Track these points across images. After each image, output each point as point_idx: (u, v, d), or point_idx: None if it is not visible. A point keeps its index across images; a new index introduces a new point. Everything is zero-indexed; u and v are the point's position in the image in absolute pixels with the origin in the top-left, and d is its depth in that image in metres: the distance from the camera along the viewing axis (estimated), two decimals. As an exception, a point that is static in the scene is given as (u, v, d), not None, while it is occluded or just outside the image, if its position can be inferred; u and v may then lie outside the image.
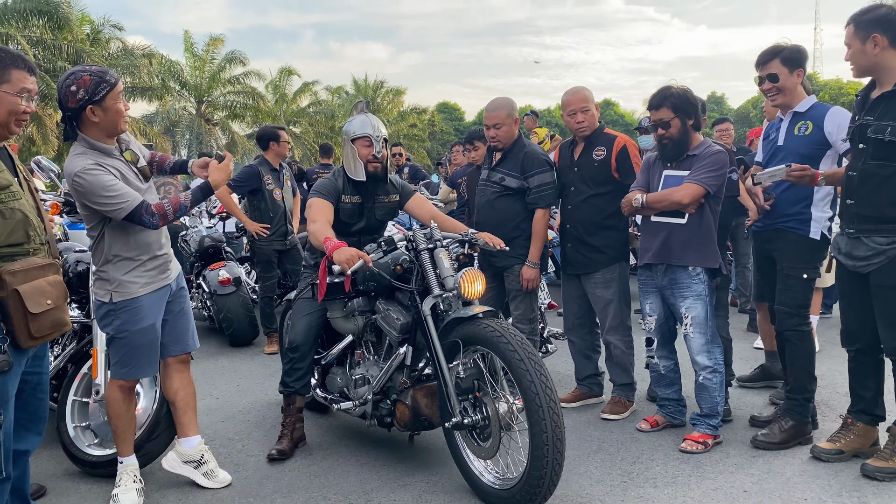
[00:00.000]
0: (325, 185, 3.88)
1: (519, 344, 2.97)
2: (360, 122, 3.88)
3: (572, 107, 4.24)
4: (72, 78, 2.97)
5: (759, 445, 3.72)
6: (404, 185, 4.16)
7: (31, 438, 2.89)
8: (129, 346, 3.24)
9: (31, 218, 2.66)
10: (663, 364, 3.97)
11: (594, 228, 4.23)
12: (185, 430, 3.55)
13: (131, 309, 3.21)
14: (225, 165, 3.22)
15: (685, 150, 3.72)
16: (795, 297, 3.71)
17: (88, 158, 3.04)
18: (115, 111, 3.04)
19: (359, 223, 3.96)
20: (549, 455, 2.84)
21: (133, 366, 3.29)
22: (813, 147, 3.67)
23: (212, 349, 6.69)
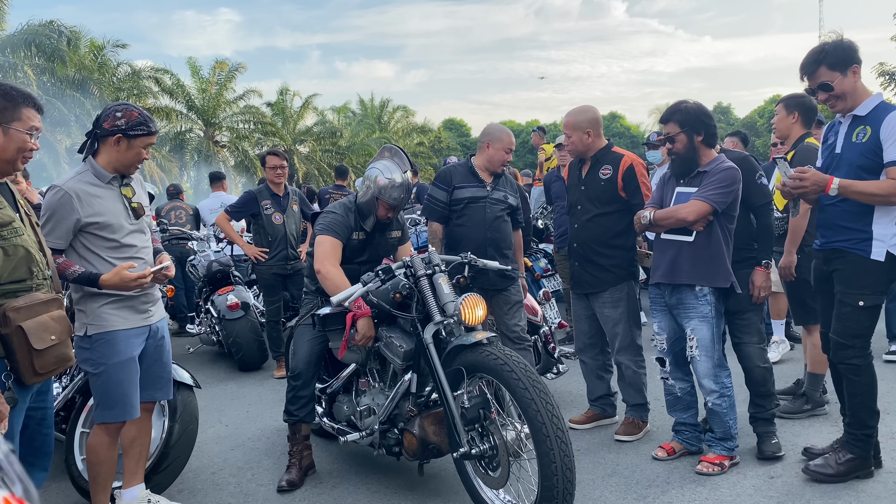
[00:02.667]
0: (337, 222, 3.82)
1: (523, 372, 2.92)
2: (393, 186, 3.74)
3: (563, 131, 4.32)
4: (122, 107, 3.10)
5: (813, 477, 3.47)
6: (405, 223, 4.21)
7: (36, 475, 2.85)
8: (108, 382, 3.11)
9: (34, 253, 2.65)
10: (679, 386, 3.88)
11: (601, 248, 4.19)
12: (129, 479, 3.41)
13: (106, 342, 3.10)
14: (127, 275, 3.00)
15: (694, 166, 3.67)
16: (848, 327, 3.34)
17: (76, 183, 3.05)
18: (136, 153, 3.12)
19: (362, 256, 3.95)
20: (559, 485, 2.79)
21: (115, 406, 3.13)
22: (868, 157, 3.26)
23: (221, 374, 6.66)
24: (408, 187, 3.80)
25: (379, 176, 3.79)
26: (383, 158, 3.89)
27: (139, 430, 3.37)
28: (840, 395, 3.62)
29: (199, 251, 7.45)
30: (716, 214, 3.58)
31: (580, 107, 4.32)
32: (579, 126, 4.19)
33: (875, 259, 3.27)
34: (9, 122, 2.60)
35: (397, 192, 3.77)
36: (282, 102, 36.58)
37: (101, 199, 3.08)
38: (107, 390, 3.12)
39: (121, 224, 3.13)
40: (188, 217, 8.86)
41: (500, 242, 4.46)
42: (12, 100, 2.60)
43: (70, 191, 3.01)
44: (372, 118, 42.56)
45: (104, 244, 3.10)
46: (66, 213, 3.00)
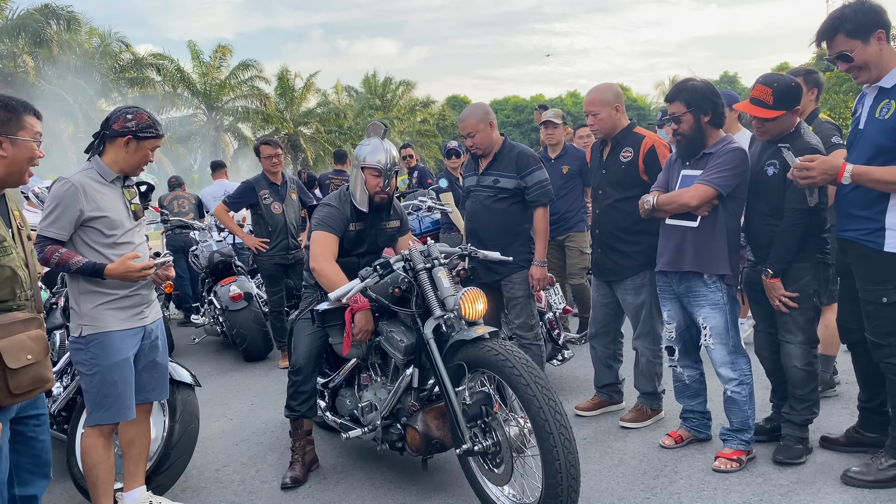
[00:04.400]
0: (332, 216, 3.75)
1: (524, 367, 2.85)
2: (373, 149, 3.73)
3: (584, 110, 4.13)
4: (133, 110, 3.18)
5: (852, 483, 3.23)
6: (404, 213, 4.10)
7: (37, 482, 2.81)
8: (103, 383, 3.10)
9: (19, 273, 2.57)
10: (687, 374, 3.80)
11: (623, 234, 4.04)
12: (130, 482, 3.39)
13: (101, 342, 3.10)
14: (132, 265, 3.05)
15: (700, 147, 3.54)
16: (879, 325, 3.10)
17: (83, 177, 3.10)
18: (143, 154, 3.18)
19: (360, 248, 3.87)
20: (563, 483, 2.73)
21: (109, 407, 3.12)
22: (890, 137, 2.95)
23: (226, 365, 6.64)
24: (388, 155, 3.71)
25: (359, 150, 3.78)
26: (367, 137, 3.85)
27: (137, 431, 3.35)
28: (861, 384, 3.57)
29: (200, 241, 7.39)
30: (721, 198, 3.46)
31: (603, 84, 4.17)
32: (607, 101, 4.02)
33: (889, 251, 3.01)
34: (15, 133, 2.58)
35: (373, 151, 3.70)
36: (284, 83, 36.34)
37: (105, 196, 3.13)
38: (101, 391, 3.12)
39: (121, 222, 3.17)
40: (191, 206, 8.81)
41: (482, 233, 4.33)
42: (13, 110, 2.59)
43: (77, 183, 3.06)
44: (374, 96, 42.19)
45: (103, 240, 3.13)
46: (71, 204, 3.04)
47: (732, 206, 3.50)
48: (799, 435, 3.52)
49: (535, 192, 4.23)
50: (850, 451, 3.56)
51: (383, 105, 42.19)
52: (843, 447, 3.59)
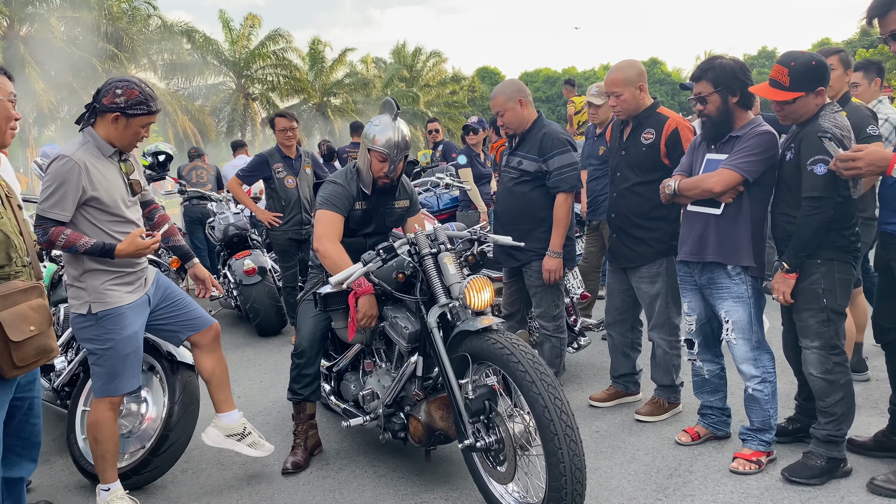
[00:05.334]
0: (337, 194, 3.59)
1: (529, 363, 2.69)
2: (383, 131, 3.54)
3: (606, 89, 3.89)
4: (123, 83, 3.04)
5: (878, 492, 3.03)
6: (414, 191, 3.92)
7: (24, 465, 2.76)
8: (116, 356, 3.11)
9: (13, 238, 2.50)
10: (707, 368, 3.61)
11: (640, 220, 3.83)
12: (222, 406, 3.55)
13: (114, 317, 3.10)
14: (141, 242, 3.01)
15: (727, 130, 3.31)
16: None
17: (83, 154, 3.00)
18: (134, 132, 3.08)
19: (367, 228, 3.72)
20: (567, 486, 2.58)
21: (119, 379, 3.15)
22: None
23: (239, 340, 6.59)
24: (396, 140, 3.51)
25: (369, 128, 3.59)
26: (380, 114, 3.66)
27: (214, 361, 3.50)
28: (894, 386, 3.32)
29: (218, 213, 7.31)
30: (747, 185, 3.23)
31: (625, 61, 3.93)
32: (630, 81, 3.79)
33: None
34: None
35: (382, 134, 3.51)
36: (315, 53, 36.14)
37: (105, 173, 3.06)
38: (114, 364, 3.12)
39: (122, 198, 3.12)
40: (209, 177, 8.75)
41: (503, 216, 4.19)
42: None
43: (79, 161, 2.96)
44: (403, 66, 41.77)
45: (106, 218, 3.07)
46: (74, 184, 2.95)
47: (759, 193, 3.27)
48: (822, 452, 3.19)
49: (555, 178, 4.02)
50: (878, 455, 3.36)
51: (412, 76, 41.79)
52: (871, 451, 3.39)
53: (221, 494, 3.46)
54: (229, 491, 3.50)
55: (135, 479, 3.44)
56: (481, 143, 6.81)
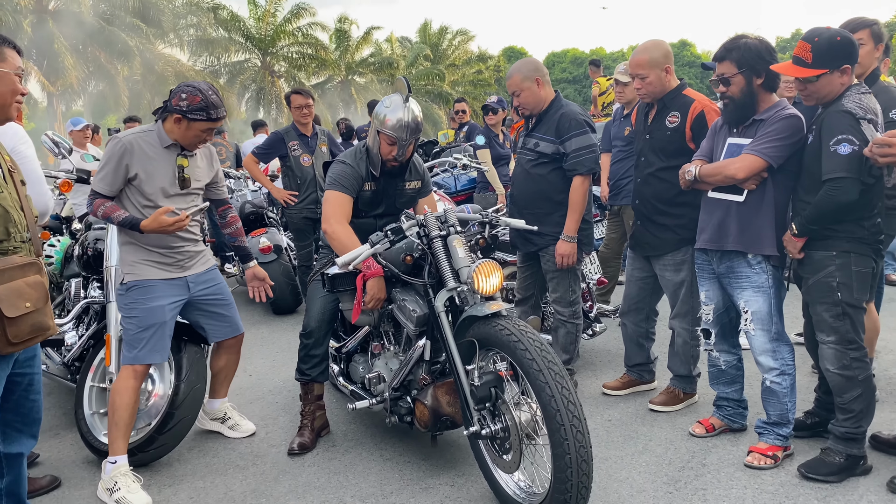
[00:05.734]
0: (345, 174, 3.51)
1: (537, 351, 2.61)
2: (393, 113, 3.42)
3: (630, 71, 3.75)
4: (189, 89, 3.27)
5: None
6: (426, 171, 3.83)
7: (24, 441, 2.74)
8: (139, 326, 3.28)
9: (13, 213, 2.46)
10: (724, 359, 3.49)
11: (665, 206, 3.70)
12: (215, 393, 3.86)
13: (141, 288, 3.31)
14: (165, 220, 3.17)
15: (750, 113, 3.17)
16: None
17: (136, 138, 3.27)
18: (195, 134, 3.29)
19: (377, 209, 3.64)
20: (573, 478, 2.51)
21: (142, 348, 3.29)
22: None
23: (254, 318, 6.57)
24: (410, 115, 3.40)
25: (379, 108, 3.48)
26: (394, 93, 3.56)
27: (227, 360, 3.78)
28: None
29: (235, 191, 7.28)
30: (771, 171, 3.10)
31: (651, 41, 3.78)
32: (656, 63, 3.64)
33: None
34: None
35: (393, 116, 3.40)
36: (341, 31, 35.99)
37: (154, 160, 3.27)
38: (137, 333, 3.29)
39: (164, 188, 3.30)
40: (228, 154, 8.72)
41: (520, 199, 4.09)
42: None
43: (127, 143, 3.23)
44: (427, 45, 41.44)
45: (142, 201, 3.28)
46: (116, 162, 3.22)
47: (783, 179, 3.13)
48: (841, 449, 3.06)
49: (572, 160, 3.88)
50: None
51: (437, 55, 41.47)
52: (894, 449, 3.27)
53: (227, 474, 3.44)
54: (234, 471, 3.47)
55: (140, 456, 3.42)
56: (500, 124, 6.68)
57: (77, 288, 4.38)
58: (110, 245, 3.79)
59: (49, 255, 4.64)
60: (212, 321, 3.60)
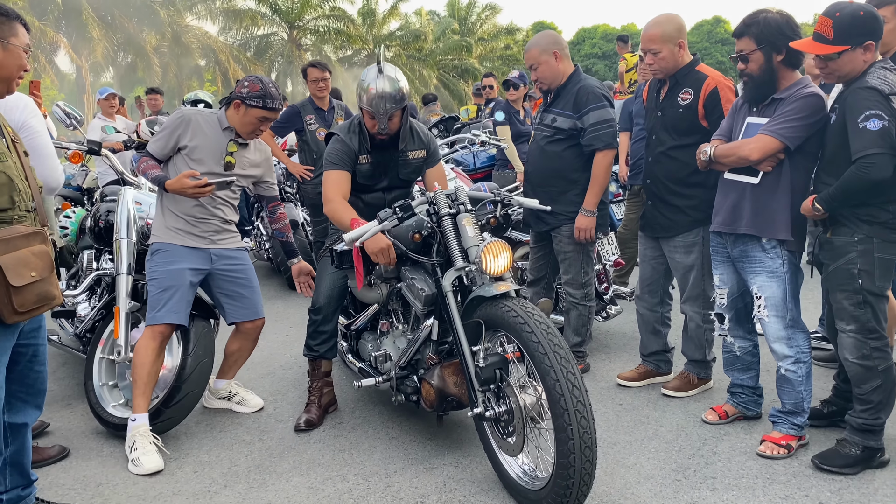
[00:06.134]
0: (337, 151, 3.44)
1: (543, 334, 2.55)
2: (370, 87, 3.27)
3: (642, 46, 3.62)
4: (252, 79, 3.50)
5: None
6: (432, 140, 3.68)
7: (29, 411, 2.75)
8: (159, 287, 3.41)
9: (17, 182, 2.46)
10: (739, 345, 3.39)
11: (677, 186, 3.59)
12: (223, 374, 3.89)
13: (164, 252, 3.46)
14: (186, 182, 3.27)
15: (770, 91, 3.04)
16: None
17: (197, 114, 3.49)
18: (250, 122, 3.46)
19: (381, 182, 3.57)
20: (575, 464, 2.45)
21: (160, 309, 3.38)
22: None
23: (270, 292, 6.58)
24: (385, 87, 3.24)
25: (359, 83, 3.38)
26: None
27: (241, 344, 3.80)
28: None
29: (253, 164, 7.25)
30: (788, 152, 2.97)
31: (663, 15, 3.63)
32: (669, 37, 3.51)
33: None
34: (7, 38, 2.47)
35: (368, 90, 3.27)
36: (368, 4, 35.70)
37: (207, 137, 3.46)
38: (157, 294, 3.41)
39: (207, 164, 3.45)
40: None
41: (534, 177, 4.01)
42: (6, 14, 2.49)
43: (187, 117, 3.46)
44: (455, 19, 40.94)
45: (185, 171, 3.35)
46: (170, 131, 3.44)
47: (802, 161, 3.00)
48: (858, 441, 2.96)
49: (590, 135, 3.79)
50: None
51: (464, 29, 41.00)
52: None
53: (232, 449, 3.44)
54: (240, 446, 3.47)
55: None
56: (522, 100, 6.54)
57: (89, 259, 4.39)
58: (121, 217, 3.79)
59: (64, 227, 4.66)
60: (231, 301, 3.65)
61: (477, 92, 10.28)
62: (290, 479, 3.13)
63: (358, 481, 3.09)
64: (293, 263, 3.92)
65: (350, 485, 3.06)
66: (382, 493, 2.98)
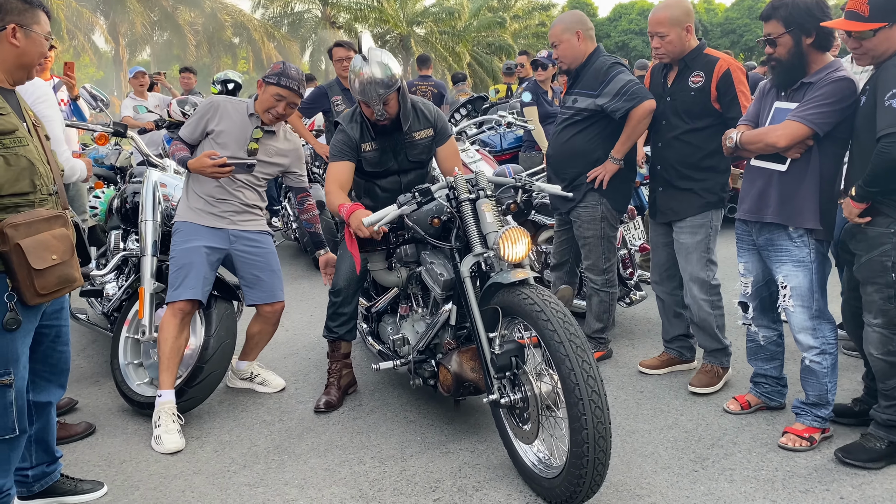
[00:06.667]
0: (338, 142, 3.43)
1: (559, 322, 2.52)
2: (357, 77, 3.22)
3: (650, 29, 3.55)
4: (279, 63, 3.62)
5: None
6: (440, 117, 3.59)
7: (53, 390, 2.81)
8: (176, 265, 3.49)
9: (38, 166, 2.50)
10: (763, 334, 3.32)
11: (690, 170, 3.54)
12: (245, 355, 3.94)
13: (182, 231, 3.55)
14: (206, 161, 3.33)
15: (799, 75, 2.95)
16: None
17: (226, 101, 3.60)
18: (267, 98, 3.52)
19: (391, 165, 3.53)
20: (589, 454, 2.43)
21: (177, 287, 3.45)
22: None
23: (297, 272, 6.64)
24: (372, 73, 3.18)
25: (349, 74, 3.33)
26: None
27: (261, 327, 3.83)
28: None
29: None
30: (817, 139, 2.88)
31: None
32: (678, 21, 3.45)
33: None
34: (30, 25, 2.49)
35: (357, 79, 3.24)
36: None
37: (234, 122, 3.55)
38: (175, 271, 3.49)
39: (233, 150, 3.50)
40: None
41: (554, 159, 3.95)
42: (30, 2, 2.50)
43: (216, 102, 3.58)
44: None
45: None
46: (202, 116, 3.56)
47: (831, 147, 2.91)
48: (883, 436, 2.89)
49: (617, 100, 3.64)
50: None
51: (499, 5, 40.48)
52: None
53: (252, 429, 3.49)
54: (261, 426, 3.52)
55: (170, 408, 3.49)
56: (550, 80, 6.45)
57: (116, 240, 4.46)
58: (146, 199, 3.83)
59: (94, 206, 4.73)
60: (249, 283, 3.69)
61: (507, 70, 10.17)
62: (308, 461, 3.16)
63: (374, 464, 3.11)
64: (320, 254, 3.95)
65: (366, 467, 3.08)
66: (398, 476, 3.00)
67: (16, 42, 2.46)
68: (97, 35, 29.56)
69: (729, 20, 49.03)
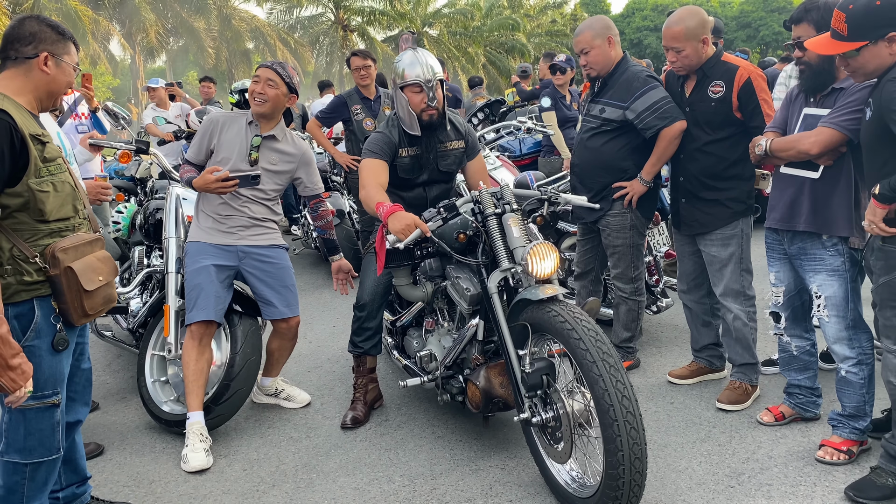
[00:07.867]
0: (378, 140, 3.41)
1: (592, 341, 2.48)
2: (408, 63, 3.32)
3: (664, 44, 3.48)
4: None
5: None
6: (471, 132, 3.62)
7: (79, 409, 2.82)
8: (188, 286, 3.48)
9: (78, 191, 2.55)
10: (796, 344, 3.25)
11: (714, 181, 3.47)
12: (267, 371, 3.89)
13: (191, 252, 3.53)
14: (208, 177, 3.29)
15: (829, 80, 2.88)
16: None
17: (223, 115, 3.59)
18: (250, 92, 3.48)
19: (422, 175, 3.51)
20: (624, 476, 2.39)
21: (192, 308, 3.43)
22: None
23: (318, 281, 6.63)
24: (424, 66, 3.28)
25: (396, 67, 3.39)
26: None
27: (279, 343, 3.78)
28: None
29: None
30: (850, 145, 2.81)
31: (685, 9, 3.47)
32: (694, 34, 3.37)
33: None
34: (61, 55, 2.54)
35: (408, 65, 3.30)
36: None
37: (231, 134, 3.51)
38: (188, 293, 3.49)
39: (235, 163, 3.46)
40: (294, 116, 8.72)
41: (580, 170, 3.90)
42: (62, 33, 2.56)
43: (213, 119, 3.55)
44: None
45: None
46: (203, 135, 3.54)
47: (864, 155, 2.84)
48: (894, 470, 2.72)
49: (648, 118, 3.57)
50: None
51: (512, 4, 40.40)
52: None
53: (280, 446, 3.47)
54: (288, 443, 3.50)
55: (197, 426, 3.48)
56: (568, 84, 6.39)
57: (140, 256, 4.47)
58: (168, 215, 3.83)
59: (116, 221, 4.74)
60: (262, 299, 3.63)
61: (522, 73, 10.12)
62: (337, 480, 3.14)
63: (404, 482, 3.08)
64: (334, 260, 3.91)
65: (396, 486, 3.05)
66: (428, 495, 2.97)
67: (47, 70, 2.49)
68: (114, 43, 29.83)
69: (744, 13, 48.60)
